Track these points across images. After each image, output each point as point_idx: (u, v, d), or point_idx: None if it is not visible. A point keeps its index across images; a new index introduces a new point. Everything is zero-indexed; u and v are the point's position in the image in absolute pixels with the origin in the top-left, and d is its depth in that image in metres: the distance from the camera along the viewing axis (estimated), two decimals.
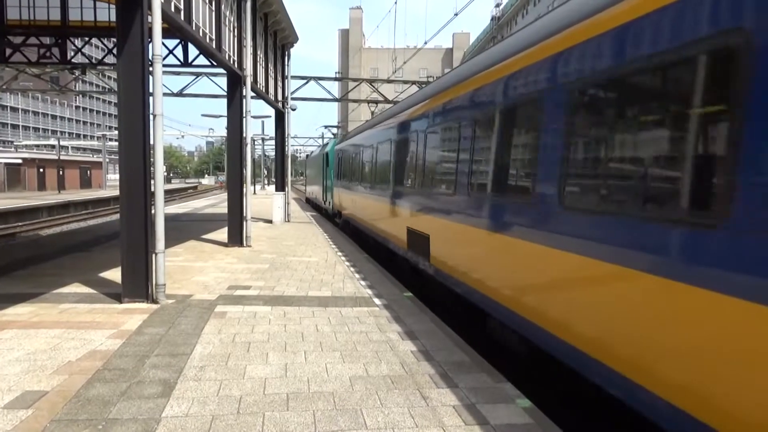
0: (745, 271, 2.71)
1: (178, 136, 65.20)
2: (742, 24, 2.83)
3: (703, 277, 2.94)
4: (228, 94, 14.08)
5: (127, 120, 7.40)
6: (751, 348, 2.66)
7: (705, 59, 3.08)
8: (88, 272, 9.48)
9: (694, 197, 3.10)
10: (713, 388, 2.86)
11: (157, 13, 7.41)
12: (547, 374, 5.24)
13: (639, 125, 3.66)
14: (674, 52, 3.29)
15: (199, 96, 27.04)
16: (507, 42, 6.19)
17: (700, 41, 3.10)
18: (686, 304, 3.04)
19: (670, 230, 3.21)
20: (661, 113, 3.50)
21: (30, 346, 5.47)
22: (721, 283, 2.83)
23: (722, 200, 2.88)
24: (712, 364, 2.86)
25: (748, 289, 2.68)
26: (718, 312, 2.83)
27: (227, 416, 3.98)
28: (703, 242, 2.97)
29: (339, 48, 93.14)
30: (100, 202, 37.35)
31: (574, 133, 4.34)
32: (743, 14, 2.84)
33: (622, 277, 3.54)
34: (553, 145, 4.60)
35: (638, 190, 3.56)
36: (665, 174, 3.41)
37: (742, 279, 2.72)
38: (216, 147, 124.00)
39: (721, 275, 2.83)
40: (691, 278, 3.02)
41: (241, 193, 13.91)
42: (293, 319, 6.83)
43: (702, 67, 3.11)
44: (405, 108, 10.35)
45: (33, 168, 50.75)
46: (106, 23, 17.96)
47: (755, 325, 2.62)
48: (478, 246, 6.18)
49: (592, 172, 4.12)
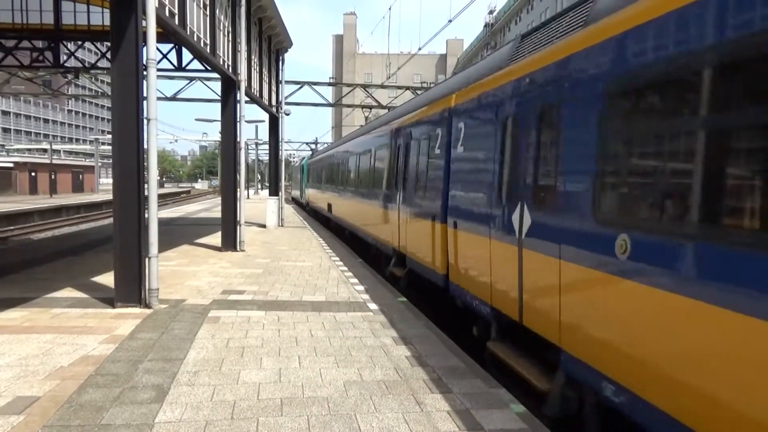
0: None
1: (171, 140, 65.07)
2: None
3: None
4: (222, 99, 14.08)
5: (120, 124, 7.38)
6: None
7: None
8: (80, 277, 9.43)
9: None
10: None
11: (151, 18, 7.40)
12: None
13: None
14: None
15: (193, 100, 27.03)
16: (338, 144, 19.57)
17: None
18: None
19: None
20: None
21: (22, 351, 5.43)
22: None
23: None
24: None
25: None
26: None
27: (221, 422, 3.96)
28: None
29: (333, 53, 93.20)
30: (92, 207, 37.13)
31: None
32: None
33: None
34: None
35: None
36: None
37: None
38: (209, 151, 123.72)
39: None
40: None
41: (235, 197, 13.89)
42: (287, 323, 6.81)
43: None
44: (329, 148, 24.88)
45: (25, 172, 50.37)
46: (99, 27, 17.91)
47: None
48: (349, 207, 15.88)
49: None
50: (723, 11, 2.85)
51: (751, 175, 2.70)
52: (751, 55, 2.67)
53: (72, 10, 18.10)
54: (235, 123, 13.78)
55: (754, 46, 2.64)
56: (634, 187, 3.55)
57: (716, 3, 2.88)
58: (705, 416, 2.84)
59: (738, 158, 2.80)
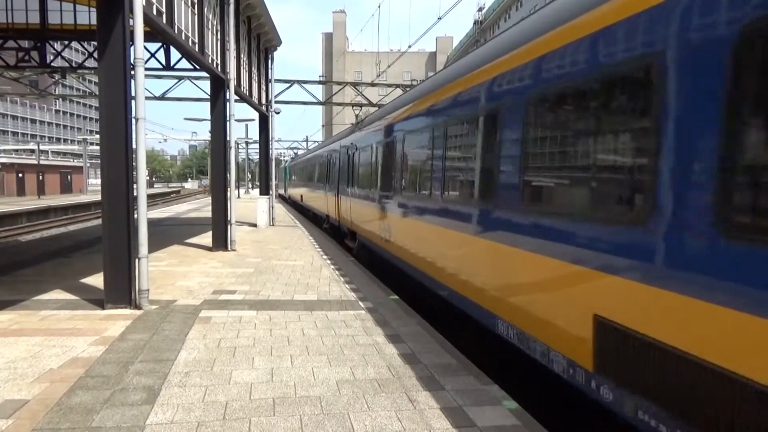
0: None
1: (160, 139, 64.71)
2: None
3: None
4: (211, 98, 13.99)
5: (108, 124, 7.31)
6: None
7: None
8: (69, 278, 9.34)
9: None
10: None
11: (138, 17, 7.34)
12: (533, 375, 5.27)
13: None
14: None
15: (182, 99, 26.80)
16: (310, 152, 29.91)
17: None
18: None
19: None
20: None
21: (10, 354, 5.37)
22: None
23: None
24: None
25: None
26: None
27: (213, 422, 3.94)
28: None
29: (322, 51, 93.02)
30: (80, 207, 36.82)
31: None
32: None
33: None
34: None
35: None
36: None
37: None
38: (199, 151, 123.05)
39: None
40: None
41: (226, 197, 13.82)
42: (279, 323, 6.79)
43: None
44: (301, 157, 37.87)
45: (12, 173, 49.86)
46: (86, 26, 17.74)
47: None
48: (309, 194, 26.13)
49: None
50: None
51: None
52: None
53: (58, 10, 17.92)
54: (224, 122, 13.70)
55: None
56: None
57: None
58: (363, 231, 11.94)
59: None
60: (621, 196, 3.43)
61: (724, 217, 2.63)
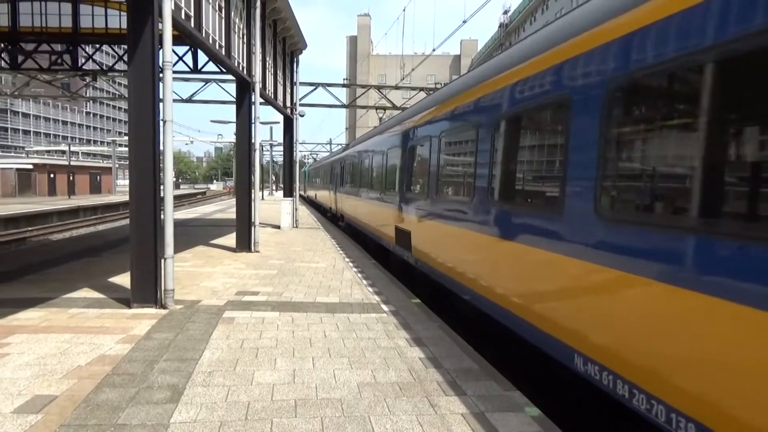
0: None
1: (187, 141, 65.66)
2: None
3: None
4: (237, 101, 14.17)
5: (137, 126, 7.45)
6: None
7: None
8: (97, 277, 9.54)
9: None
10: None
11: (167, 21, 7.47)
12: (557, 381, 5.20)
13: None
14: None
15: (208, 102, 27.18)
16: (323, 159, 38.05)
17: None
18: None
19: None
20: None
21: (40, 351, 5.50)
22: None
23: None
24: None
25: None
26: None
27: (235, 422, 3.97)
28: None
29: (347, 54, 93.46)
30: (109, 208, 37.61)
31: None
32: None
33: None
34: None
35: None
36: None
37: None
38: (224, 153, 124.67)
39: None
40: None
41: (250, 198, 13.96)
42: (301, 325, 6.83)
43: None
44: (317, 163, 46.44)
45: (44, 173, 51.20)
46: (117, 30, 18.15)
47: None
48: (322, 193, 32.84)
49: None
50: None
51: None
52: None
53: (90, 14, 18.36)
54: (249, 124, 13.86)
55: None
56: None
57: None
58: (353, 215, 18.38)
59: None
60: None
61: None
